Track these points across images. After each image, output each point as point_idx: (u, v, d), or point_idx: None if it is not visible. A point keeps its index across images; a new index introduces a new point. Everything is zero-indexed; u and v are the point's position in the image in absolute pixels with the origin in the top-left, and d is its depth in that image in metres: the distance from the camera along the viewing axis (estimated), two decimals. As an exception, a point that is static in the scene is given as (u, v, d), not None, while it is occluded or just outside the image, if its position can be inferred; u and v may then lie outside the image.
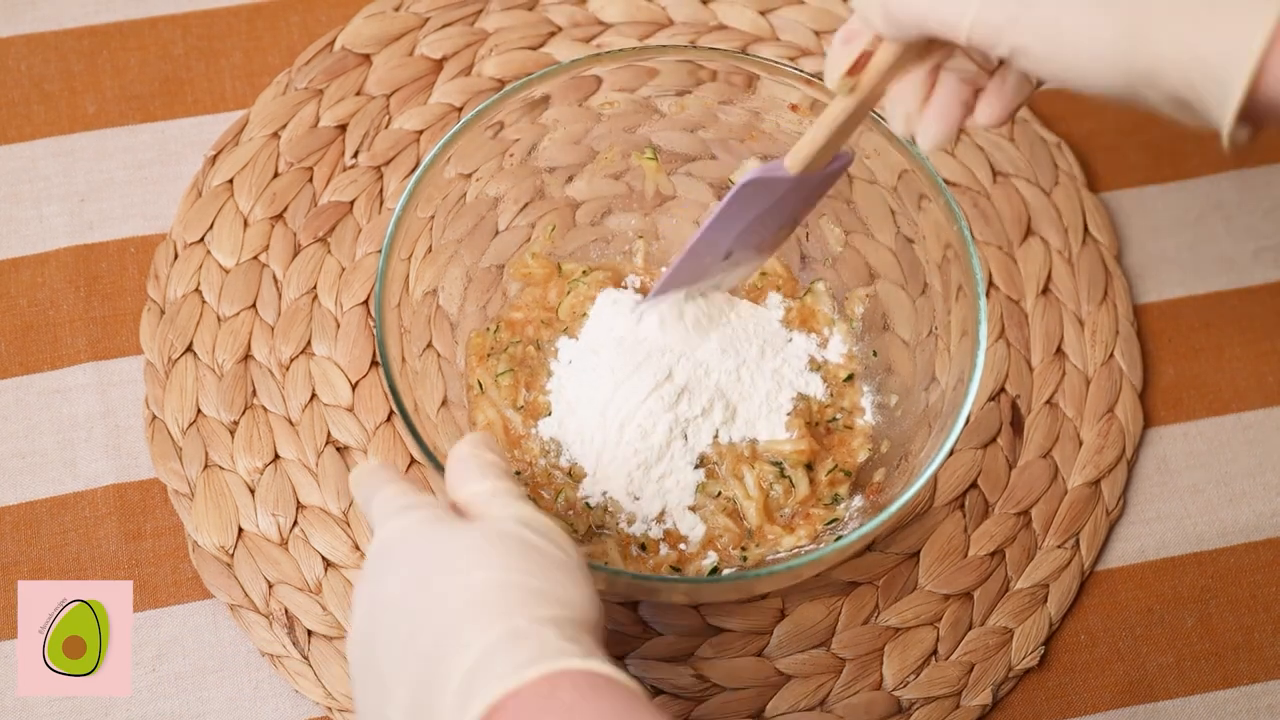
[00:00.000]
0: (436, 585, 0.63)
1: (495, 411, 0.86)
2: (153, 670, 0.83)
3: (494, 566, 0.63)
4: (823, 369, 0.88)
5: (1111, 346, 0.93)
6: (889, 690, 0.85)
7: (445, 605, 0.62)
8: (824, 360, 0.88)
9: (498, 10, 0.99)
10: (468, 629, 0.60)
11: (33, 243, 0.93)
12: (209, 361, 0.89)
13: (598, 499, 0.83)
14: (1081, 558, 0.88)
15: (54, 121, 0.96)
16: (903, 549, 0.87)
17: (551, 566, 0.64)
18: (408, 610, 0.63)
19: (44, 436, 0.88)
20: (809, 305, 0.89)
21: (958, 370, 0.79)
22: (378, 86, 0.97)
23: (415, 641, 0.62)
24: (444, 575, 0.63)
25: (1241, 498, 0.91)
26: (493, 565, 0.63)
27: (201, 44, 0.98)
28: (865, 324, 0.89)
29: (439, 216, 0.84)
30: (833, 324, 0.89)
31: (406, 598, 0.63)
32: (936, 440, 0.77)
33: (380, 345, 0.77)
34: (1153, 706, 0.85)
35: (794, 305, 0.89)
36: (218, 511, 0.86)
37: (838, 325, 0.89)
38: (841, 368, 0.88)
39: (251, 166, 0.94)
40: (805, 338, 0.88)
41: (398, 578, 0.64)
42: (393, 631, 0.63)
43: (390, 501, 0.68)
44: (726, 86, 0.85)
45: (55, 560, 0.85)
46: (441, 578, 0.63)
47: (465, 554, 0.64)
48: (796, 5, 1.00)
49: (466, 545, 0.64)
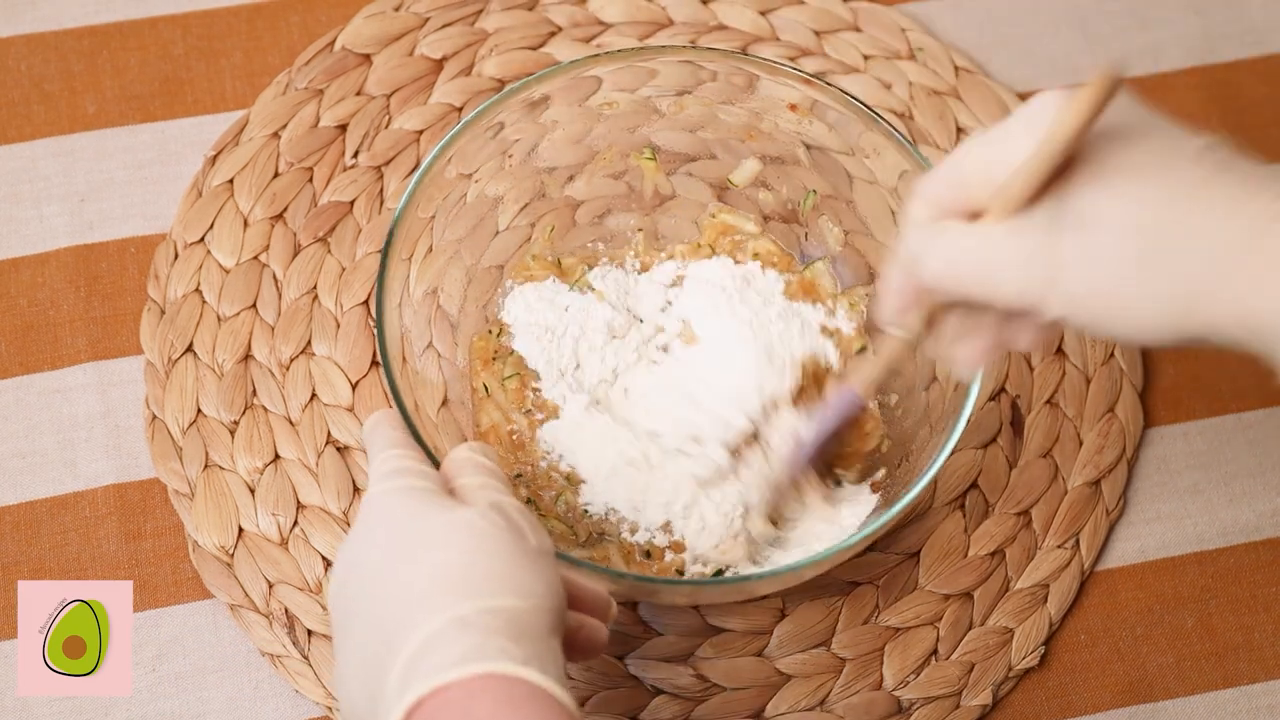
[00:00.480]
0: (405, 559, 0.64)
1: (500, 414, 0.86)
2: (153, 670, 0.83)
3: (460, 549, 0.63)
4: (835, 336, 0.87)
5: (1112, 346, 0.93)
6: (889, 690, 0.85)
7: (408, 581, 0.63)
8: (836, 328, 0.88)
9: (498, 10, 0.99)
10: (419, 611, 0.61)
11: (33, 243, 0.93)
12: (209, 361, 0.89)
13: (599, 508, 0.83)
14: (1082, 558, 0.88)
15: (54, 121, 0.96)
16: (903, 549, 0.87)
17: (519, 554, 0.64)
18: (377, 577, 0.64)
19: (44, 436, 0.88)
20: (809, 279, 0.89)
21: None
22: (378, 86, 0.97)
23: (379, 609, 0.63)
24: (414, 550, 0.64)
25: (1242, 497, 0.91)
26: (459, 548, 0.64)
27: (201, 44, 0.98)
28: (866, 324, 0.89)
29: (439, 216, 0.84)
30: (836, 297, 0.89)
31: (377, 564, 0.64)
32: (938, 441, 0.77)
33: (381, 345, 0.77)
34: (1153, 706, 0.85)
35: (793, 279, 0.89)
36: (218, 511, 0.86)
37: (841, 301, 0.89)
38: (853, 340, 0.88)
39: (251, 166, 0.94)
40: (813, 308, 0.88)
41: (373, 543, 0.66)
42: (363, 594, 0.64)
43: (386, 463, 0.69)
44: (727, 86, 0.85)
45: (55, 560, 0.85)
46: (410, 553, 0.64)
47: (438, 531, 0.65)
48: (796, 5, 1.00)
49: (441, 523, 0.65)
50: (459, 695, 0.59)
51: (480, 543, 0.64)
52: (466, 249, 0.87)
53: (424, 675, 0.59)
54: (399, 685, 0.60)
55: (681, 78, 0.86)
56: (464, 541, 0.64)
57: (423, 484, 0.68)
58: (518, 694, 0.59)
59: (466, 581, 0.62)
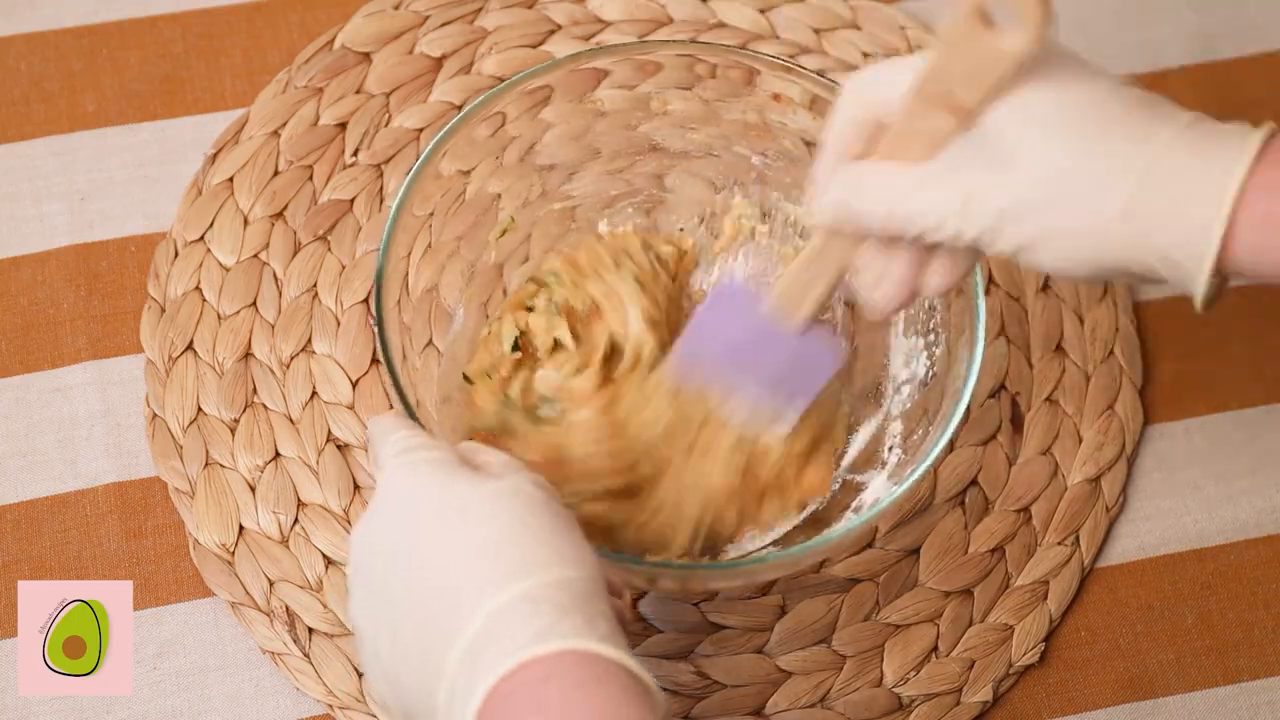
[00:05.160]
0: (447, 533, 0.61)
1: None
2: (154, 668, 0.83)
3: (507, 520, 0.61)
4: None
5: (1111, 343, 0.93)
6: (889, 687, 0.85)
7: (456, 556, 0.60)
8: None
9: (497, 8, 0.99)
10: (475, 587, 0.59)
11: (33, 241, 0.93)
12: (209, 360, 0.89)
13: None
14: (1082, 554, 0.88)
15: (54, 120, 0.96)
16: (903, 545, 0.87)
17: (565, 522, 0.63)
18: (415, 553, 0.62)
19: (44, 435, 0.88)
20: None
21: (957, 367, 0.79)
22: (377, 85, 0.97)
23: (423, 586, 0.60)
24: (455, 523, 0.62)
25: (1241, 494, 0.91)
26: (506, 518, 0.61)
27: (201, 43, 0.99)
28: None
29: (438, 214, 0.83)
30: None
31: (413, 540, 0.62)
32: (934, 435, 0.77)
33: (382, 343, 0.76)
34: (1153, 703, 0.86)
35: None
36: (218, 509, 0.86)
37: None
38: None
39: (251, 165, 0.94)
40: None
41: (405, 518, 0.63)
42: (398, 572, 0.62)
43: (399, 442, 0.66)
44: (726, 83, 0.86)
45: (55, 559, 0.85)
46: (451, 526, 0.62)
47: (479, 502, 0.62)
48: (796, 3, 1.01)
49: (482, 494, 0.63)
50: (533, 675, 0.56)
51: (527, 512, 0.62)
52: (466, 246, 0.87)
53: (501, 654, 0.57)
54: (466, 666, 0.58)
55: (681, 74, 0.86)
56: (509, 512, 0.62)
57: (446, 455, 0.65)
58: (597, 671, 0.57)
59: (521, 554, 0.60)
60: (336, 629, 0.84)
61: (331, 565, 0.85)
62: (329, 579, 0.85)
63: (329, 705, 0.83)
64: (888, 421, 0.84)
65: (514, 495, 0.63)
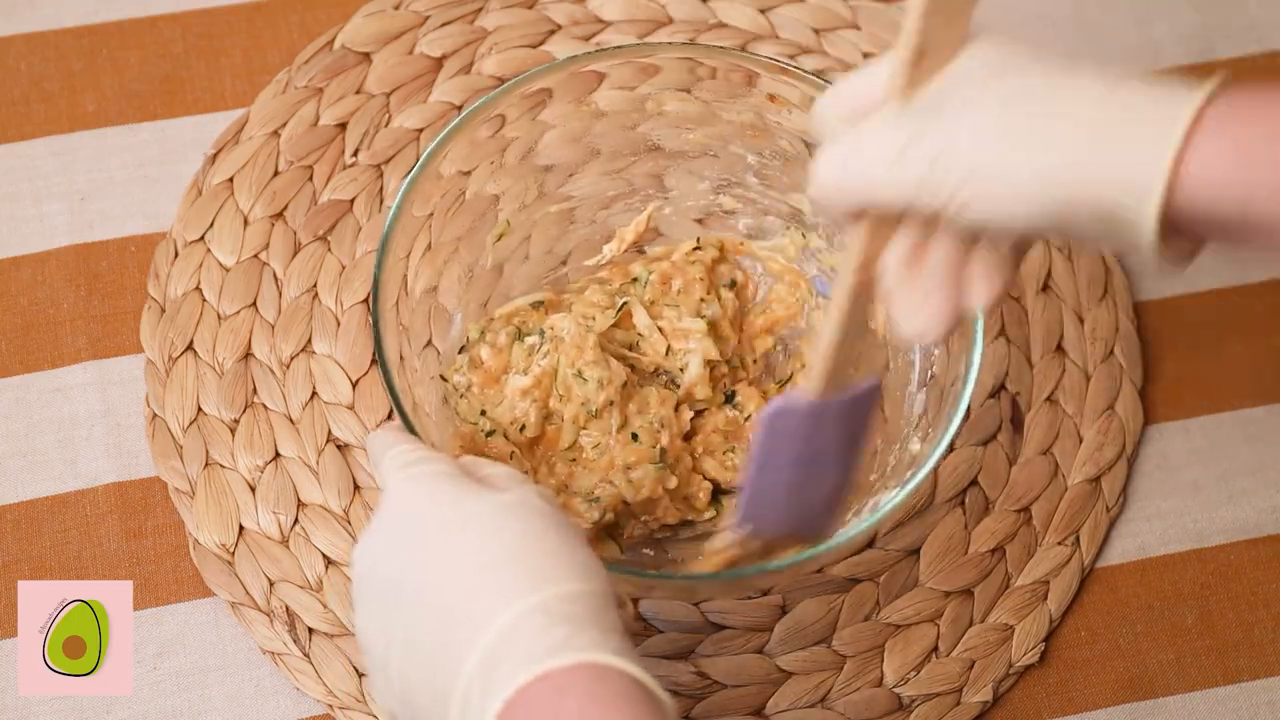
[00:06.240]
0: (455, 544, 0.61)
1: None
2: (154, 668, 0.83)
3: (517, 531, 0.61)
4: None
5: (1111, 343, 0.93)
6: (890, 687, 0.85)
7: (467, 567, 0.60)
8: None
9: (497, 8, 0.99)
10: (488, 598, 0.59)
11: (33, 241, 0.93)
12: (209, 360, 0.89)
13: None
14: (1082, 554, 0.88)
15: (54, 120, 0.96)
16: (903, 546, 0.87)
17: (572, 534, 0.62)
18: (423, 564, 0.61)
19: (44, 435, 0.88)
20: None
21: (955, 367, 0.79)
22: (377, 85, 0.97)
23: (433, 598, 0.60)
24: (463, 535, 0.62)
25: (1241, 494, 0.91)
26: (515, 530, 0.61)
27: (201, 43, 0.99)
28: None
29: (437, 215, 0.83)
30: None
31: (420, 552, 0.62)
32: (935, 436, 0.77)
33: (378, 345, 0.76)
34: (1153, 703, 0.86)
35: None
36: (218, 509, 0.86)
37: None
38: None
39: (251, 165, 0.94)
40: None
41: (410, 530, 0.63)
42: (405, 583, 0.62)
43: (401, 455, 0.67)
44: (726, 84, 0.85)
45: (55, 559, 0.85)
46: (460, 537, 0.62)
47: (487, 514, 0.62)
48: (796, 3, 1.01)
49: (488, 506, 0.63)
50: (550, 688, 0.56)
51: (535, 525, 0.62)
52: (465, 247, 0.87)
53: (516, 667, 0.57)
54: (480, 678, 0.57)
55: (681, 75, 0.86)
56: (517, 525, 0.62)
57: (450, 468, 0.65)
58: (613, 685, 0.57)
59: (531, 567, 0.60)
60: (336, 629, 0.84)
61: (331, 565, 0.85)
62: (329, 579, 0.85)
63: (329, 705, 0.83)
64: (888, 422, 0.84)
65: (521, 508, 0.63)
